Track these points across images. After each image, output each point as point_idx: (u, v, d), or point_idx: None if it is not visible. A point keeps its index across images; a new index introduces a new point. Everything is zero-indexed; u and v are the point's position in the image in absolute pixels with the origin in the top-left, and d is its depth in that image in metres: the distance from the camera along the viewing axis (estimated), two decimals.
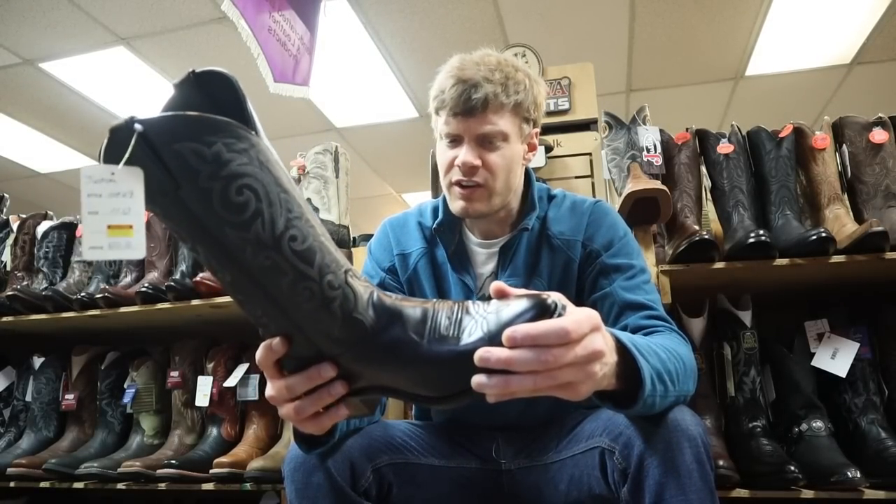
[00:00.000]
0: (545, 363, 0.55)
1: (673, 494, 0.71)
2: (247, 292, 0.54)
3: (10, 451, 1.75)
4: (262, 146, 0.51)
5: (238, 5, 1.72)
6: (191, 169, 0.47)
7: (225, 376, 1.66)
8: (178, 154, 0.46)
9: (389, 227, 1.14)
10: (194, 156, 0.46)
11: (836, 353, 1.33)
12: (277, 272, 0.52)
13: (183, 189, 0.47)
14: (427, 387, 0.58)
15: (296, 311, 0.55)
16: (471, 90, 0.93)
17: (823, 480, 1.15)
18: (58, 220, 1.97)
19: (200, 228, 0.49)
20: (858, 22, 3.22)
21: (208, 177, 0.47)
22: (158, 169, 0.46)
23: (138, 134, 0.45)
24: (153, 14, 3.03)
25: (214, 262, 0.53)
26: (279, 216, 0.51)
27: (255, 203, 0.49)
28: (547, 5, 3.10)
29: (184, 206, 0.48)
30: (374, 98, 3.91)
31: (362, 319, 0.57)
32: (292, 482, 0.83)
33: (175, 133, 0.46)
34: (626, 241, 1.01)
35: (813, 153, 1.44)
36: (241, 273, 0.52)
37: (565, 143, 1.88)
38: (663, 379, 0.71)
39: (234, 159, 0.48)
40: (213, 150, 0.47)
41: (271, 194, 0.51)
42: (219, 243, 0.50)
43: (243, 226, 0.49)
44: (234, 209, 0.49)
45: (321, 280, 0.54)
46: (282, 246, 0.51)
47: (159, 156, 0.46)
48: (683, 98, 3.94)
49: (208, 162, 0.47)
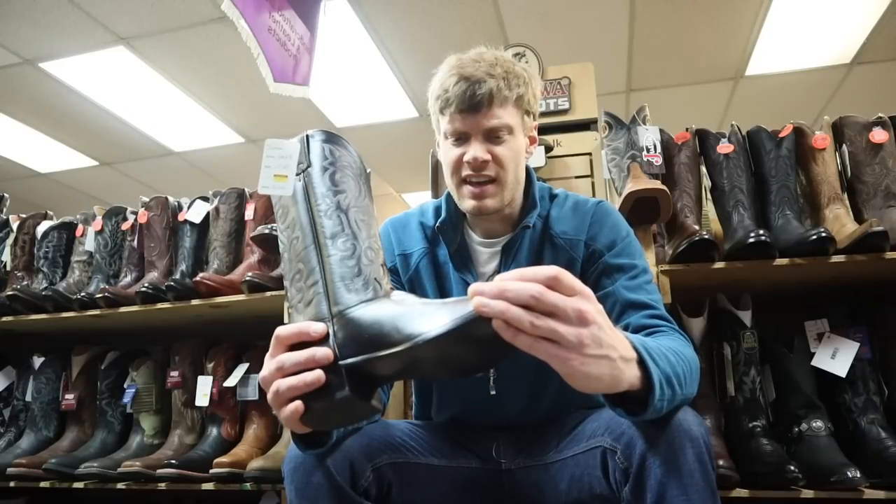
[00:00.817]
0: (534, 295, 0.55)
1: (675, 494, 0.71)
2: (305, 255, 0.72)
3: (10, 451, 1.75)
4: (361, 166, 0.79)
5: (238, 5, 1.72)
6: (322, 156, 0.76)
7: (225, 376, 1.66)
8: (321, 147, 0.76)
9: (391, 227, 1.14)
10: (328, 151, 0.76)
11: (836, 352, 1.34)
12: (339, 230, 0.72)
13: (312, 167, 0.75)
14: (401, 331, 0.62)
15: (334, 264, 0.70)
16: (475, 86, 0.94)
17: (823, 480, 1.15)
18: (58, 220, 1.97)
19: (304, 195, 0.74)
20: (858, 22, 3.22)
21: (329, 163, 0.76)
22: (305, 152, 0.76)
23: (308, 134, 0.77)
24: (153, 14, 3.03)
25: (300, 225, 0.73)
26: (357, 202, 0.75)
27: (345, 186, 0.75)
28: (547, 5, 3.10)
29: (306, 179, 0.75)
30: (374, 98, 3.91)
31: (379, 285, 0.71)
32: (292, 482, 0.83)
33: (325, 137, 0.77)
34: (629, 241, 1.02)
35: (813, 153, 1.44)
36: (312, 236, 0.72)
37: (565, 143, 1.88)
38: (672, 383, 0.70)
39: (345, 162, 0.77)
40: (338, 153, 0.77)
41: (356, 189, 0.76)
42: (310, 207, 0.73)
43: (334, 193, 0.74)
44: (333, 183, 0.75)
45: (363, 248, 0.72)
46: (350, 215, 0.74)
47: (310, 145, 0.76)
48: (683, 98, 3.94)
49: (332, 156, 0.76)
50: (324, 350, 0.64)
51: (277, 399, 0.64)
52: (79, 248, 1.90)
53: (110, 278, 1.83)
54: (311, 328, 0.65)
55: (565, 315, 0.56)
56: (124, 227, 1.85)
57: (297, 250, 0.73)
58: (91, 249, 1.88)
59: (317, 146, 0.76)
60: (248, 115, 4.05)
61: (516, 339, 0.56)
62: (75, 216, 1.97)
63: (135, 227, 1.82)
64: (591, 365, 0.58)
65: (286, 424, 0.70)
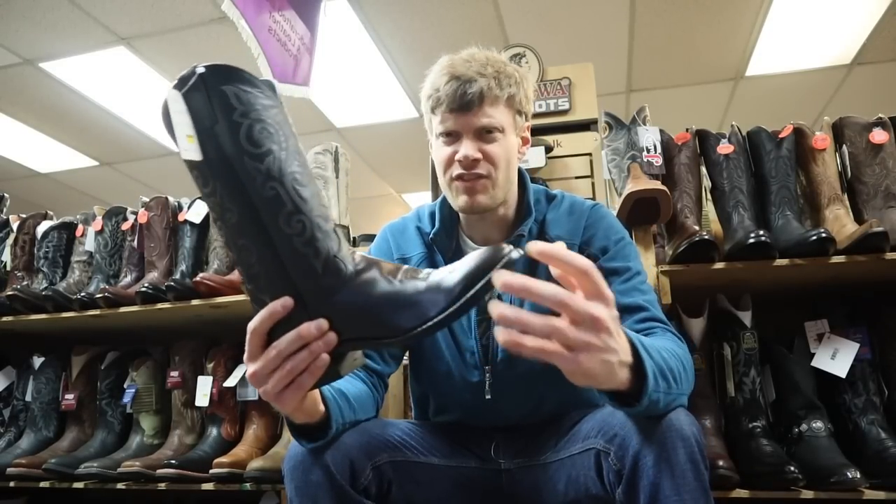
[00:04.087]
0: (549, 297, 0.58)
1: (667, 495, 0.71)
2: (246, 232, 0.62)
3: (9, 451, 1.75)
4: (282, 111, 0.63)
5: (238, 5, 1.72)
6: (229, 106, 0.59)
7: (225, 376, 1.66)
8: (223, 93, 0.59)
9: (389, 232, 1.14)
10: (234, 97, 0.59)
11: (836, 353, 1.33)
12: (279, 203, 0.61)
13: (219, 124, 0.59)
14: (392, 324, 0.62)
15: (287, 247, 0.62)
16: (466, 85, 0.94)
17: (823, 481, 1.15)
18: (58, 220, 1.97)
19: (222, 161, 0.60)
20: (858, 22, 3.22)
21: (240, 114, 0.59)
22: (205, 104, 0.59)
23: (198, 74, 0.60)
24: (153, 14, 3.03)
25: (227, 198, 0.61)
26: (288, 158, 0.62)
27: (271, 143, 0.61)
28: (547, 5, 3.10)
29: (216, 141, 0.60)
30: (374, 98, 3.91)
31: (343, 263, 0.64)
32: (292, 480, 0.83)
33: (225, 77, 0.60)
34: (624, 244, 1.02)
35: (813, 153, 1.44)
36: (246, 208, 0.61)
37: (565, 143, 1.89)
38: (665, 376, 0.71)
39: (262, 108, 0.61)
40: (248, 96, 0.60)
41: (284, 142, 0.62)
42: (234, 176, 0.60)
43: (258, 157, 0.60)
44: (254, 143, 0.60)
45: (312, 217, 0.62)
46: (286, 181, 0.61)
47: (209, 92, 0.59)
48: (683, 98, 3.94)
49: (242, 103, 0.60)
50: (315, 325, 0.63)
51: (279, 382, 0.64)
52: (79, 248, 1.90)
53: (110, 278, 1.83)
54: (277, 307, 0.63)
55: (581, 320, 0.59)
56: (124, 227, 1.85)
57: (232, 224, 0.63)
58: (91, 249, 1.88)
59: (219, 94, 0.60)
60: None
61: (523, 351, 0.58)
62: (75, 216, 1.97)
63: (135, 227, 1.82)
64: (594, 366, 0.60)
65: (287, 407, 0.70)
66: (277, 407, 0.69)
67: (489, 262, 0.61)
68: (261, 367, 0.65)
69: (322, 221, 0.63)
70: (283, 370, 0.64)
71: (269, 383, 0.65)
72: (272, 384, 0.65)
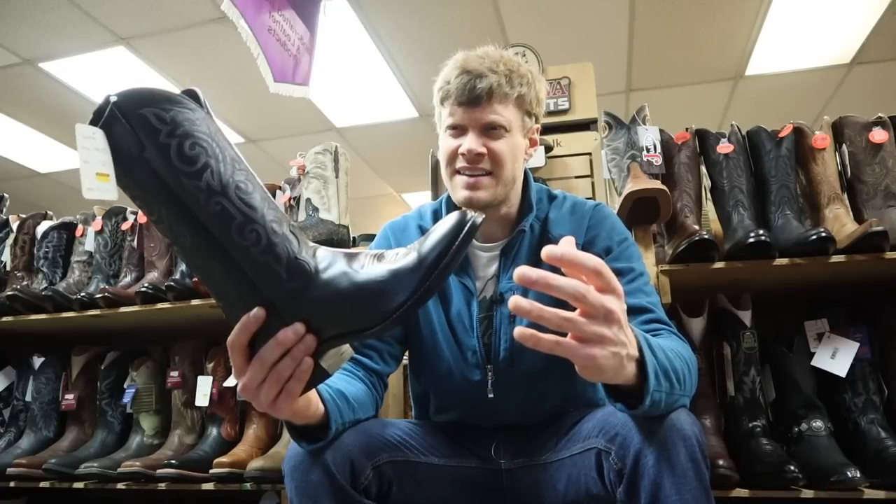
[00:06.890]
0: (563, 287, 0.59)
1: (668, 494, 0.71)
2: (203, 252, 0.61)
3: (9, 451, 1.75)
4: (211, 120, 0.61)
5: (238, 5, 1.72)
6: (152, 129, 0.57)
7: (225, 376, 1.66)
8: (143, 118, 0.57)
9: (390, 230, 1.14)
10: (155, 118, 0.57)
11: (835, 352, 1.33)
12: (227, 217, 0.59)
13: (147, 150, 0.57)
14: (369, 312, 0.61)
15: (247, 259, 0.60)
16: (476, 80, 0.95)
17: (823, 480, 1.15)
18: (58, 220, 1.97)
19: (161, 186, 0.58)
20: (858, 22, 3.22)
21: (166, 135, 0.57)
22: (127, 132, 0.57)
23: (112, 103, 0.57)
24: (153, 14, 3.03)
25: (175, 222, 0.60)
26: (227, 169, 0.60)
27: (206, 157, 0.59)
28: (547, 5, 3.10)
29: (148, 167, 0.58)
30: (374, 98, 3.91)
31: (306, 263, 0.62)
32: (292, 480, 0.83)
33: (140, 101, 0.57)
34: (627, 244, 1.02)
35: (813, 153, 1.44)
36: (197, 228, 0.59)
37: (565, 143, 1.89)
38: (668, 376, 0.71)
39: (188, 123, 0.59)
40: (170, 114, 0.58)
41: (220, 152, 0.60)
42: (176, 199, 0.58)
43: (195, 175, 0.58)
44: (188, 161, 0.58)
45: (265, 224, 0.61)
46: (229, 193, 0.59)
47: (128, 119, 0.57)
48: (683, 98, 3.94)
49: (167, 123, 0.57)
50: (292, 329, 0.62)
51: (270, 391, 0.64)
52: (79, 249, 1.90)
53: (110, 278, 1.83)
54: (249, 319, 0.62)
55: (596, 314, 0.60)
56: (124, 228, 1.85)
57: (188, 247, 0.61)
58: (91, 249, 1.88)
59: (138, 118, 0.57)
60: (248, 115, 4.05)
61: (539, 345, 0.59)
62: (75, 216, 1.97)
63: (135, 227, 1.82)
64: (605, 359, 0.61)
65: (283, 414, 0.69)
66: (274, 415, 0.69)
67: (455, 228, 0.61)
68: (249, 380, 0.64)
69: (276, 225, 0.61)
70: (270, 380, 0.63)
71: (260, 395, 0.64)
72: (263, 395, 0.64)
